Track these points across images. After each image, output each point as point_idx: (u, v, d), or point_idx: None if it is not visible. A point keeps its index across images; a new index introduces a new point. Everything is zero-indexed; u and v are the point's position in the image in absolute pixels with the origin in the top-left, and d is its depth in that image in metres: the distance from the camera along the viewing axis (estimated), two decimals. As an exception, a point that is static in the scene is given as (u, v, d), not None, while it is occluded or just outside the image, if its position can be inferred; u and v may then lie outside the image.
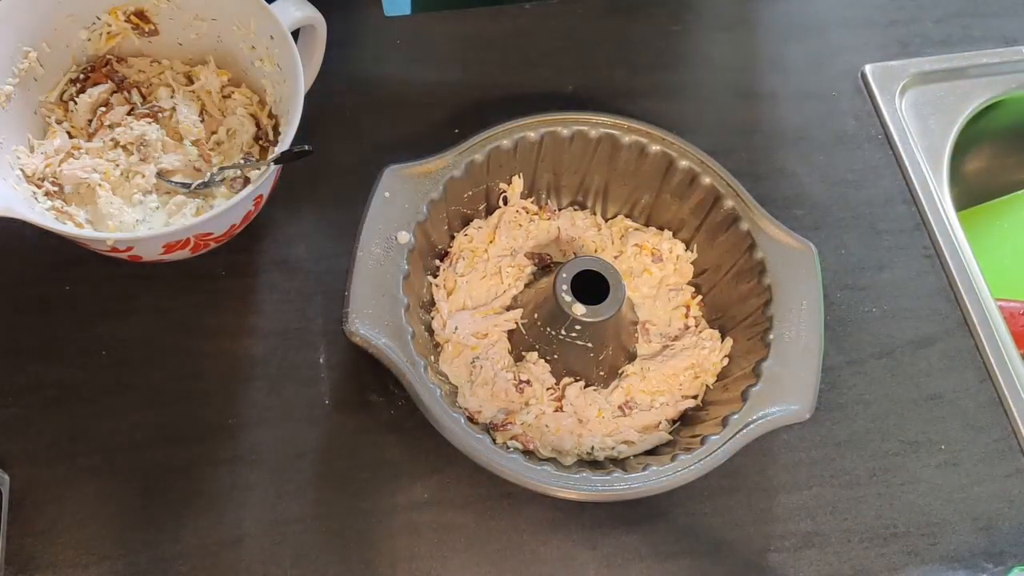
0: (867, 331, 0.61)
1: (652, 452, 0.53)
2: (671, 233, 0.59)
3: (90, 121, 0.56)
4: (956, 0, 0.77)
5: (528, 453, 0.51)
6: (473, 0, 0.71)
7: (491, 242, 0.58)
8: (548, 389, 0.53)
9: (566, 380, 0.54)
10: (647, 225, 0.60)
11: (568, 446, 0.52)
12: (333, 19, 0.57)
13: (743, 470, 0.55)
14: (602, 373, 0.54)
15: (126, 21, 0.57)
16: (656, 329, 0.57)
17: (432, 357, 0.53)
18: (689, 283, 0.59)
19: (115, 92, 0.57)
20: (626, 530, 0.53)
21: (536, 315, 0.53)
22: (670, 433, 0.54)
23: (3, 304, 0.56)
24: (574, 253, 0.59)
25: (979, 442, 0.58)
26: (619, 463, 0.51)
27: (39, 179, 0.53)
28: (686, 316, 0.58)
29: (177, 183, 0.55)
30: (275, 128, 0.57)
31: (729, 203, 0.55)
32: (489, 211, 0.59)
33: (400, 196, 0.53)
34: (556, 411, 0.53)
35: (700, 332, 0.56)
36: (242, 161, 0.56)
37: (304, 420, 0.54)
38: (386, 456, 0.54)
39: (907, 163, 0.67)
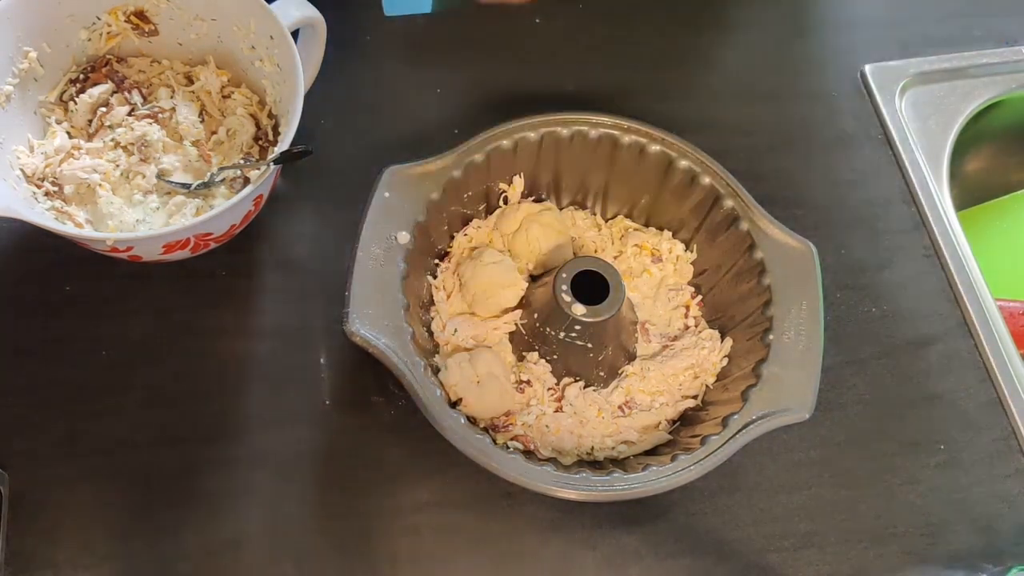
0: (867, 331, 0.61)
1: (652, 452, 0.53)
2: (671, 233, 0.59)
3: (90, 121, 0.56)
4: (956, 0, 0.77)
5: (528, 453, 0.51)
6: None
7: (490, 242, 0.58)
8: (548, 389, 0.53)
9: (566, 380, 0.54)
10: (647, 225, 0.60)
11: (568, 446, 0.52)
12: (333, 19, 0.57)
13: (743, 470, 0.55)
14: (602, 373, 0.54)
15: (126, 21, 0.57)
16: (656, 329, 0.57)
17: (432, 357, 0.53)
18: (689, 283, 0.59)
19: (115, 92, 0.57)
20: (626, 530, 0.53)
21: (536, 315, 0.53)
22: (670, 433, 0.54)
23: (3, 304, 0.56)
24: (574, 253, 0.59)
25: (979, 442, 0.58)
26: (619, 463, 0.51)
27: (39, 179, 0.53)
28: (686, 316, 0.58)
29: (177, 183, 0.55)
30: (275, 128, 0.57)
31: (729, 203, 0.55)
32: (489, 211, 0.59)
33: (400, 196, 0.53)
34: (556, 411, 0.53)
35: (700, 332, 0.56)
36: (242, 161, 0.56)
37: (304, 420, 0.54)
38: (387, 457, 0.54)
39: (907, 163, 0.67)
